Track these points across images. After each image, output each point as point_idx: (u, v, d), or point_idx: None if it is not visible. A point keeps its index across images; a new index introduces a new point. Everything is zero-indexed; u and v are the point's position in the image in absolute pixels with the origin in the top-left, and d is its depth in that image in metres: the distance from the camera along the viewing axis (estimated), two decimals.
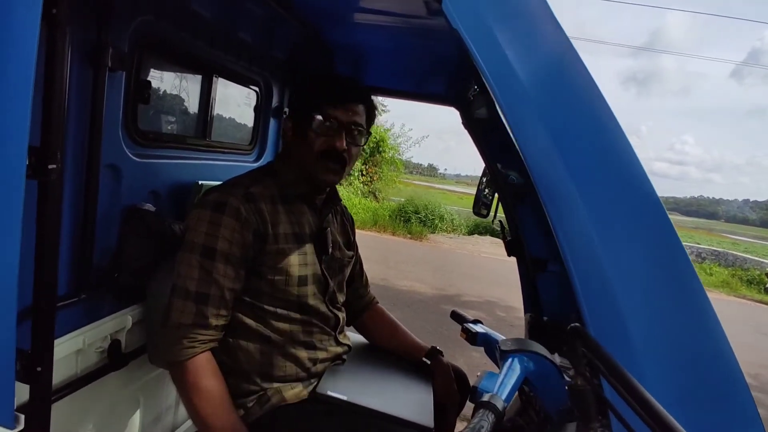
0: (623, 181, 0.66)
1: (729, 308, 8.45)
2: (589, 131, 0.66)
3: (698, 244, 19.30)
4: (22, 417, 0.84)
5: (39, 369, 0.85)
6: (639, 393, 0.45)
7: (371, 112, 1.25)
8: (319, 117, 1.14)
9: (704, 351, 0.64)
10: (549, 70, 0.67)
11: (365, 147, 1.38)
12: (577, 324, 0.56)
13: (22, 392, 0.84)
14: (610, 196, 0.66)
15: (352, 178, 12.98)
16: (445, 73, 1.75)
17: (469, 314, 1.36)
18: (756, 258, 14.93)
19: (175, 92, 1.49)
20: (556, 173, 0.64)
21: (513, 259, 1.83)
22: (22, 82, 0.73)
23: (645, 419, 0.45)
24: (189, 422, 1.66)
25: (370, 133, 1.27)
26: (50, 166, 0.80)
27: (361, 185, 13.86)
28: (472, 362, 3.71)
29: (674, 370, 0.63)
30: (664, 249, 0.63)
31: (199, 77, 1.57)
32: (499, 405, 0.68)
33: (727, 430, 0.63)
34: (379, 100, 12.45)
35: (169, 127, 1.52)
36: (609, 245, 0.64)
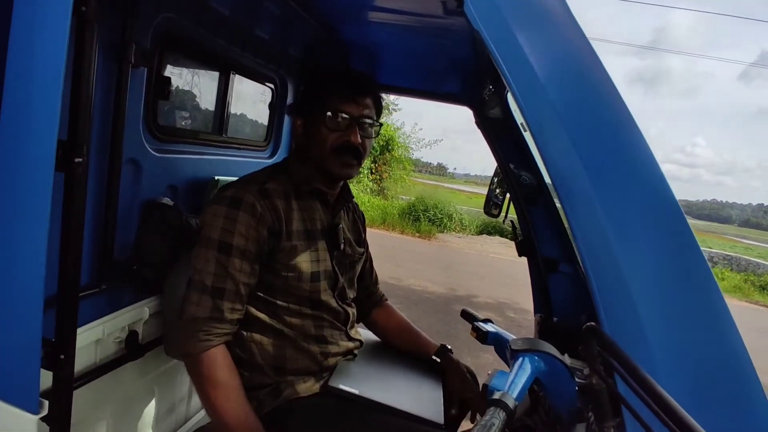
0: (641, 183, 0.66)
1: (741, 313, 8.34)
2: (609, 133, 0.67)
3: (710, 248, 18.94)
4: (46, 403, 0.87)
5: (62, 357, 0.87)
6: (656, 391, 0.46)
7: (379, 103, 1.26)
8: (330, 114, 1.16)
9: (720, 354, 0.64)
10: (569, 72, 0.67)
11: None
12: (592, 323, 0.57)
13: (45, 379, 0.87)
14: (628, 197, 0.66)
15: (361, 176, 12.98)
16: (459, 72, 1.75)
17: (480, 314, 1.36)
18: None
19: (193, 88, 1.52)
20: (575, 175, 0.64)
21: (522, 261, 1.83)
22: (53, 76, 0.75)
23: (661, 417, 0.45)
24: (202, 413, 1.69)
25: (381, 124, 1.29)
26: (77, 160, 0.81)
27: (371, 183, 13.86)
28: (479, 362, 3.71)
29: (689, 372, 0.63)
30: (681, 251, 0.64)
31: (216, 74, 1.59)
32: (510, 403, 0.68)
33: None
34: (391, 98, 12.42)
35: (186, 123, 1.54)
36: (626, 246, 0.64)
